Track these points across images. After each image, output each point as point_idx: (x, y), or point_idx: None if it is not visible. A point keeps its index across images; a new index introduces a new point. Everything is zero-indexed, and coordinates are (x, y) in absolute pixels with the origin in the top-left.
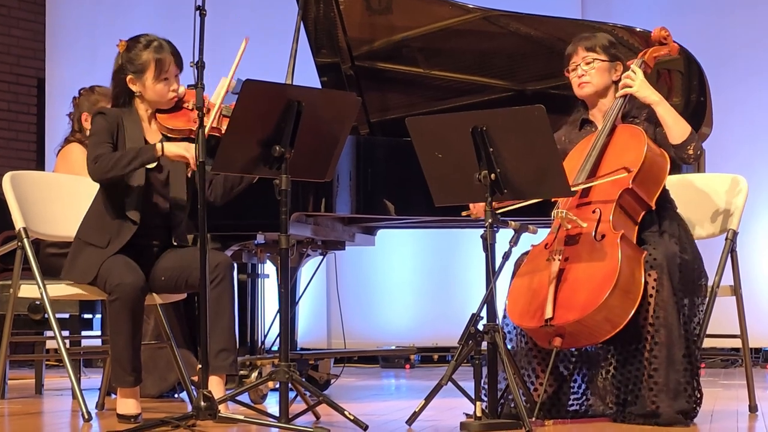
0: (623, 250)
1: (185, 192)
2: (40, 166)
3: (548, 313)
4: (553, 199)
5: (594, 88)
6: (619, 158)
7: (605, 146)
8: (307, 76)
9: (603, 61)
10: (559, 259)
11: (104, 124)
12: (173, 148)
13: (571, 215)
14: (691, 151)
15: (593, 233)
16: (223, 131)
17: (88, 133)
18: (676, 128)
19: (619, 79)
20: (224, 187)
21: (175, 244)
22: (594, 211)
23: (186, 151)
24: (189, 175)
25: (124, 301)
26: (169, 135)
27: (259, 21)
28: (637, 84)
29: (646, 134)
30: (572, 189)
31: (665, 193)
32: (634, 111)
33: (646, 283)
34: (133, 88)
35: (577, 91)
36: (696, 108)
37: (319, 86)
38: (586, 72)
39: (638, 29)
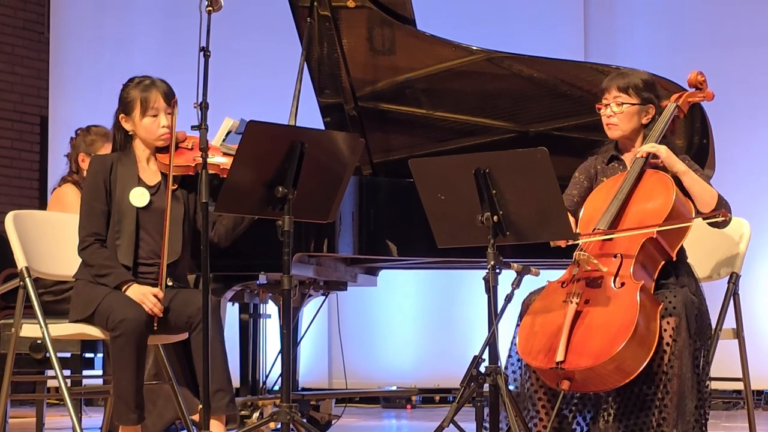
0: (642, 302)
1: (181, 233)
2: (42, 204)
3: (560, 356)
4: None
5: (621, 132)
6: (645, 206)
7: (632, 191)
8: (311, 115)
9: (633, 104)
10: (576, 302)
11: (95, 182)
12: (132, 292)
13: (592, 258)
14: (721, 219)
15: (613, 280)
16: (223, 167)
17: (85, 173)
18: (704, 197)
19: (650, 122)
20: (227, 226)
21: (170, 284)
22: (615, 257)
23: (145, 297)
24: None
25: (129, 337)
26: (167, 172)
27: (262, 59)
28: (665, 152)
29: (674, 182)
30: (592, 237)
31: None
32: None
33: (664, 330)
34: (126, 126)
35: (605, 130)
36: (699, 150)
37: (322, 127)
38: (615, 114)
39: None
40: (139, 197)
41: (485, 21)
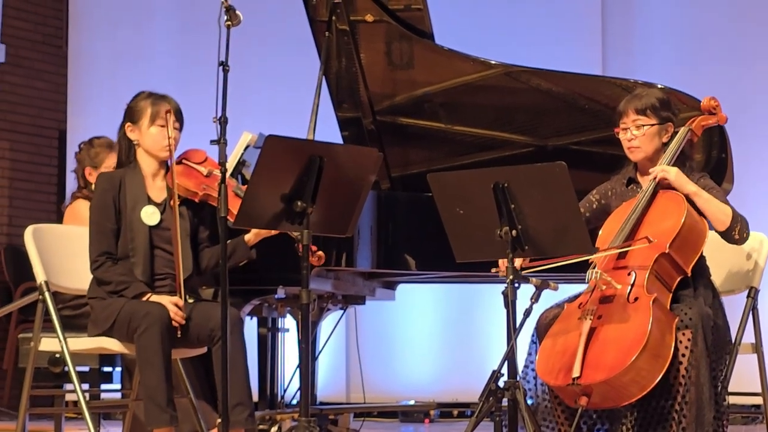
0: (654, 314)
1: (190, 248)
2: (61, 218)
3: (576, 372)
4: (590, 260)
5: (644, 153)
6: (658, 224)
7: (645, 211)
8: (329, 130)
9: (653, 125)
10: (591, 318)
11: (103, 200)
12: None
13: (606, 276)
14: (737, 236)
15: (627, 295)
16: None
17: (93, 187)
18: (719, 216)
19: (668, 141)
20: (210, 261)
21: (189, 301)
22: (629, 274)
23: (169, 303)
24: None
25: (155, 330)
26: (172, 189)
27: (281, 74)
28: (674, 175)
29: (686, 201)
30: (603, 253)
31: (701, 260)
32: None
33: (679, 342)
34: (132, 136)
35: (627, 153)
36: (717, 164)
37: (341, 141)
38: (636, 137)
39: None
40: (150, 216)
41: (503, 35)
